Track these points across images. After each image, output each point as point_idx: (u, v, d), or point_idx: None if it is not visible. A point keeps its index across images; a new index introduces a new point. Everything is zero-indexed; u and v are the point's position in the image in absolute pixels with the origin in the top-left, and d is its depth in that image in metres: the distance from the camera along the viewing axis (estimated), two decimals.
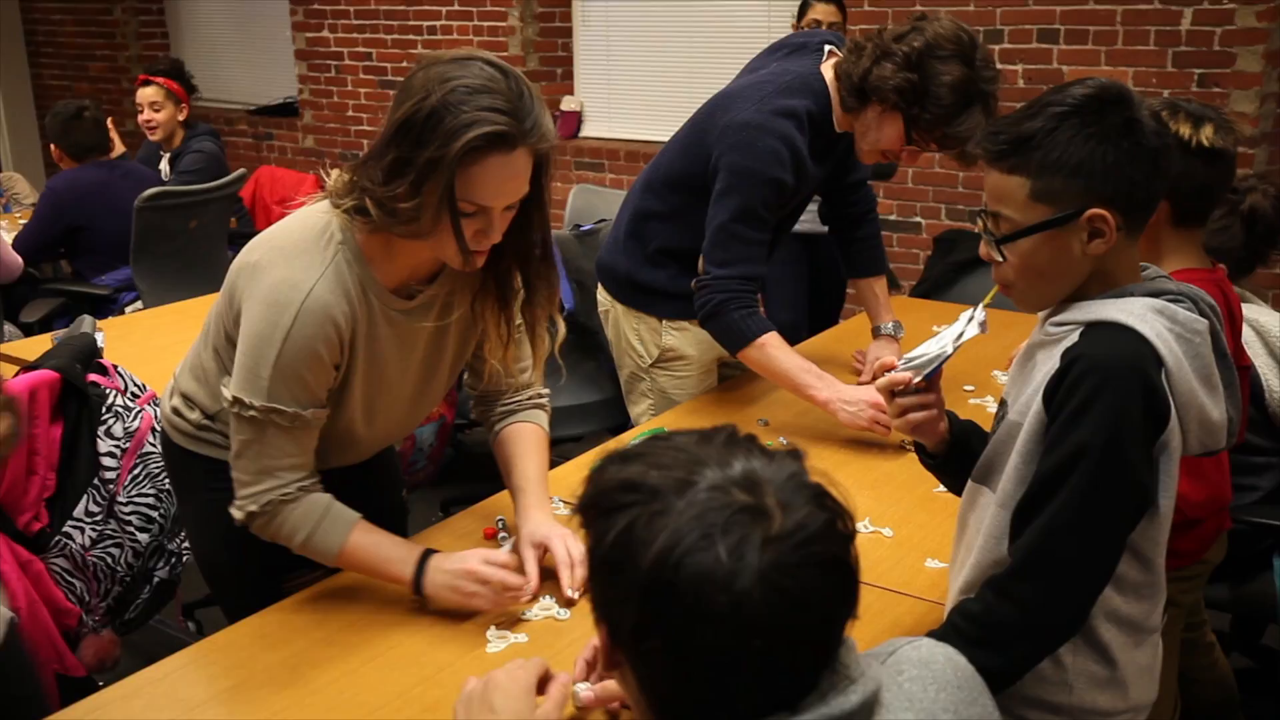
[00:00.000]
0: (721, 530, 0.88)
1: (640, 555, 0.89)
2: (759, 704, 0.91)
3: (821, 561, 0.89)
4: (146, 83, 4.74)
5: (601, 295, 2.80)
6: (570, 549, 1.78)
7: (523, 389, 2.00)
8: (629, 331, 2.73)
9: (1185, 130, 1.85)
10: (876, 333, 2.78)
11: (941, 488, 1.76)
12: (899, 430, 1.63)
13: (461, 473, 3.11)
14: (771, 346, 2.39)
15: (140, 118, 4.77)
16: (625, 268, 2.68)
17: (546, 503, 1.89)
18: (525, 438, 1.96)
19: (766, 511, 0.89)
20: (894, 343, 2.75)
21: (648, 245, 2.63)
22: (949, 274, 3.63)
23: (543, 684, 1.35)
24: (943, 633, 1.40)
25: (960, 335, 1.55)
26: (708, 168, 2.44)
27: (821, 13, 3.58)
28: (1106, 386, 1.32)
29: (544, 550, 1.80)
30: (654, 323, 2.69)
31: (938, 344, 1.57)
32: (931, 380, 1.57)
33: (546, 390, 2.03)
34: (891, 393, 1.58)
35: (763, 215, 2.39)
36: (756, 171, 2.36)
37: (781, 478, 0.92)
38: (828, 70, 2.42)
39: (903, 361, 1.58)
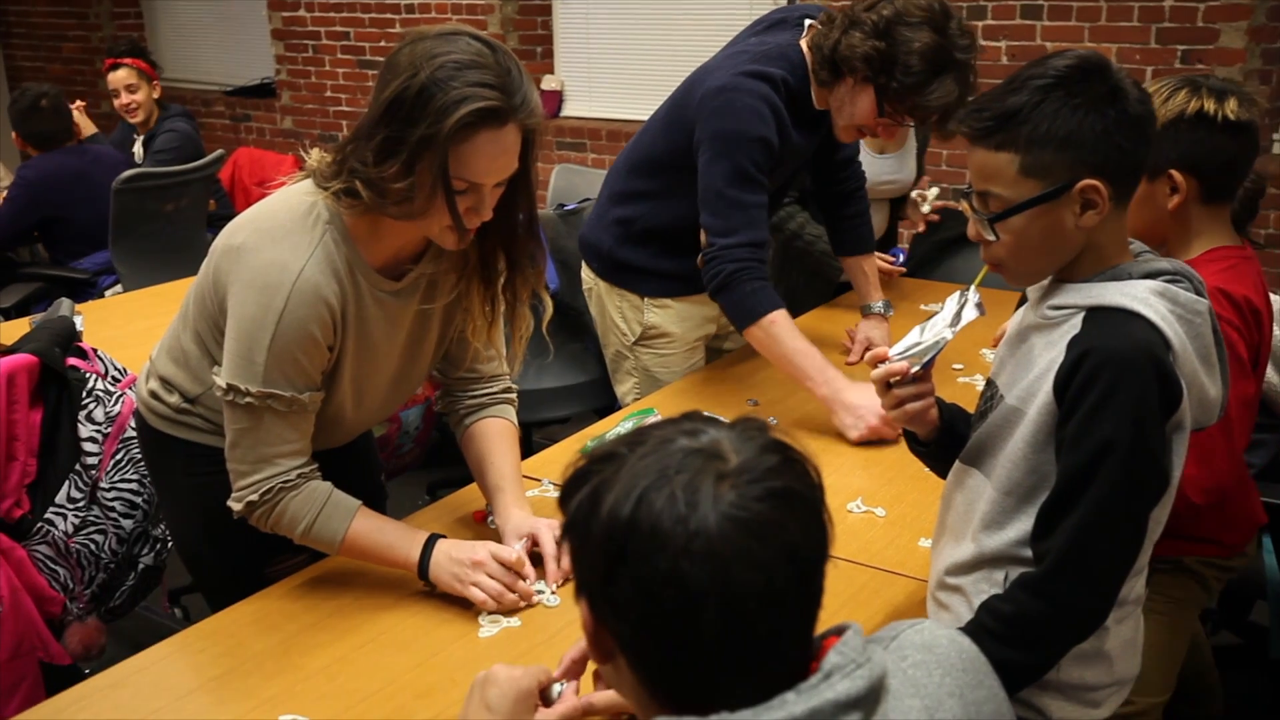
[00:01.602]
0: (676, 470, 0.90)
1: (601, 506, 0.91)
2: (748, 670, 0.90)
3: (776, 493, 0.90)
4: (116, 66, 4.67)
5: (585, 273, 2.80)
6: (554, 540, 1.77)
7: (491, 380, 1.99)
8: (612, 309, 2.72)
9: (1210, 106, 1.82)
10: (866, 311, 2.77)
11: None
12: (895, 421, 1.61)
13: (447, 456, 3.08)
14: (779, 326, 2.33)
15: (118, 102, 4.71)
16: (608, 245, 2.67)
17: (524, 499, 1.89)
18: (497, 434, 1.94)
19: (721, 454, 0.92)
20: (884, 321, 2.73)
21: (631, 223, 2.62)
22: (934, 252, 3.61)
23: (542, 693, 1.33)
24: (971, 631, 1.40)
25: (957, 320, 1.54)
26: (690, 143, 2.41)
27: None
28: (1124, 378, 1.31)
29: (531, 543, 1.79)
30: (636, 300, 2.67)
31: (931, 331, 1.55)
32: (926, 368, 1.56)
33: (514, 384, 2.02)
34: (886, 383, 1.56)
35: (755, 177, 2.35)
36: (740, 132, 2.33)
37: (736, 433, 0.95)
38: (805, 45, 2.41)
39: (896, 350, 1.56)
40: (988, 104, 1.38)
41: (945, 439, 1.60)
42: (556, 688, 1.36)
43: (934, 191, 3.15)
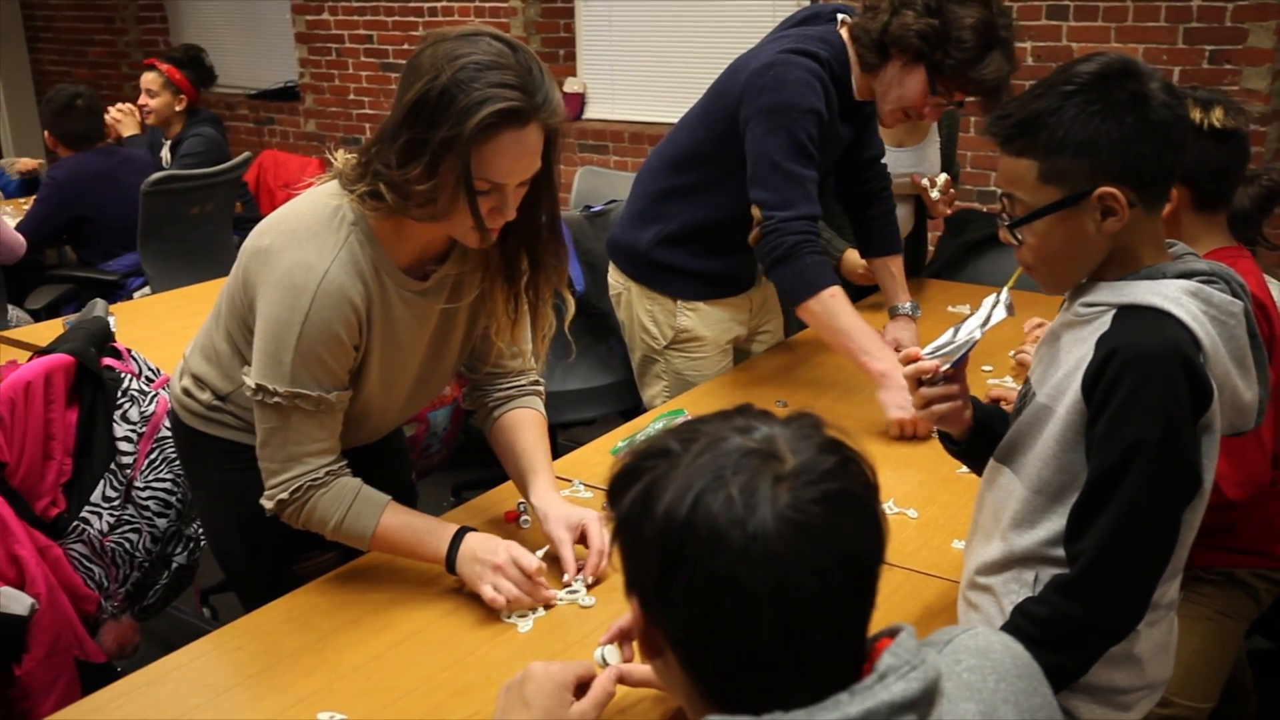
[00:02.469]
0: (733, 471, 0.89)
1: (656, 506, 0.90)
2: (802, 672, 0.89)
3: (833, 496, 0.89)
4: (150, 67, 4.70)
5: (614, 277, 2.77)
6: (604, 534, 1.77)
7: (519, 374, 1.99)
8: (642, 313, 2.70)
9: (1196, 115, 1.86)
10: (893, 312, 2.76)
11: (965, 468, 1.74)
12: (924, 421, 1.62)
13: (474, 458, 3.09)
14: (838, 300, 2.34)
15: (138, 101, 4.74)
16: (643, 245, 2.65)
17: (555, 483, 1.89)
18: (529, 423, 1.95)
19: (778, 455, 0.91)
20: (912, 323, 2.73)
21: (669, 223, 2.60)
22: (960, 254, 3.60)
23: (582, 687, 1.33)
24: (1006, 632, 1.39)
25: (987, 320, 1.54)
26: (734, 130, 2.41)
27: None
28: (1152, 377, 1.31)
29: (579, 533, 1.78)
30: (669, 304, 2.66)
31: (965, 331, 1.55)
32: (958, 368, 1.56)
33: (541, 378, 2.02)
34: (917, 381, 1.56)
35: (809, 149, 2.35)
36: (793, 104, 2.33)
37: (792, 430, 0.94)
38: (844, 34, 2.41)
39: (928, 350, 1.56)
40: (1013, 109, 1.39)
41: (980, 439, 1.60)
42: (599, 651, 1.39)
43: (943, 178, 3.12)
